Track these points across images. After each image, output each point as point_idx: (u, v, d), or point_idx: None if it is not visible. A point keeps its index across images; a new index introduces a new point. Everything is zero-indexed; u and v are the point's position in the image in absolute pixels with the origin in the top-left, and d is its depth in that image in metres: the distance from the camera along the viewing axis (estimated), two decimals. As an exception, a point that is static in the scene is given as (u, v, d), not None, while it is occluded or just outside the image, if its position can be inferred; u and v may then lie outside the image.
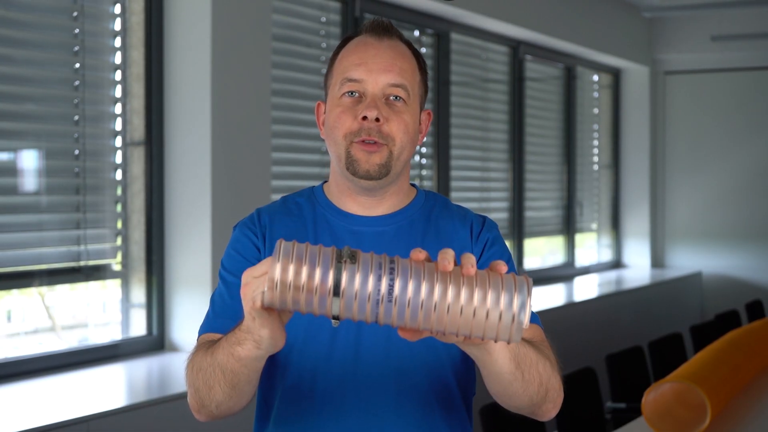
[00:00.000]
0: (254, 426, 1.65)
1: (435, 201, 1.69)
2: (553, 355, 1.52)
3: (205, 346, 1.48)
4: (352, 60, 1.59)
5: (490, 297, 1.15)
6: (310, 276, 1.14)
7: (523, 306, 1.15)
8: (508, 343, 1.17)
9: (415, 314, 1.15)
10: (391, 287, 1.14)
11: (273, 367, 1.58)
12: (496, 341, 1.17)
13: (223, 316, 1.57)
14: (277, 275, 1.14)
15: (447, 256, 1.17)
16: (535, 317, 1.59)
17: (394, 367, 1.55)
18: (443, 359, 1.57)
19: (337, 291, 1.14)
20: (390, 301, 1.15)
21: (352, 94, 1.57)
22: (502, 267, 1.19)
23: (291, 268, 1.14)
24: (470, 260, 1.17)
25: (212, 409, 1.47)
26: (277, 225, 1.62)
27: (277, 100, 4.01)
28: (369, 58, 1.58)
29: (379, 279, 1.15)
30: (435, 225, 1.64)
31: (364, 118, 1.55)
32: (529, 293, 1.16)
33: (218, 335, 1.50)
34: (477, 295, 1.15)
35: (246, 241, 1.61)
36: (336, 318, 1.17)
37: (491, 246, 1.63)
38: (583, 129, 7.12)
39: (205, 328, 1.59)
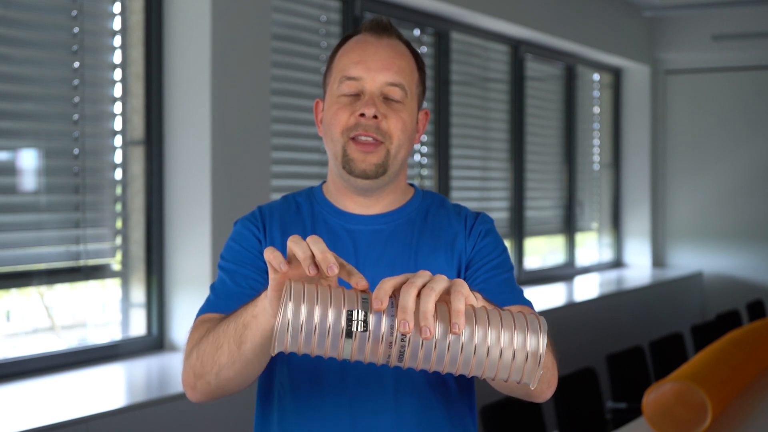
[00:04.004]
0: (255, 423, 1.64)
1: (432, 200, 1.69)
2: None
3: (215, 320, 1.45)
4: (351, 58, 1.59)
5: (504, 337, 1.14)
6: (323, 320, 1.13)
7: (537, 346, 1.14)
8: (519, 382, 1.17)
9: (428, 356, 1.15)
10: (403, 346, 1.14)
11: (273, 362, 1.58)
12: (507, 381, 1.16)
13: (226, 297, 1.54)
14: (289, 315, 1.13)
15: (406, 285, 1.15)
16: (527, 301, 1.59)
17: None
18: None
19: (349, 334, 1.14)
20: (402, 355, 1.15)
21: (350, 95, 1.57)
22: (459, 304, 1.14)
23: (303, 310, 1.13)
24: (461, 289, 1.15)
25: (211, 378, 1.41)
26: (276, 222, 1.62)
27: (277, 100, 4.00)
28: (368, 56, 1.58)
29: (391, 331, 1.14)
30: (431, 224, 1.64)
31: (362, 115, 1.55)
32: (543, 332, 1.15)
33: (219, 315, 1.48)
34: (491, 336, 1.14)
35: (247, 233, 1.62)
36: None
37: (484, 237, 1.63)
38: (584, 128, 7.12)
39: (205, 309, 1.56)
